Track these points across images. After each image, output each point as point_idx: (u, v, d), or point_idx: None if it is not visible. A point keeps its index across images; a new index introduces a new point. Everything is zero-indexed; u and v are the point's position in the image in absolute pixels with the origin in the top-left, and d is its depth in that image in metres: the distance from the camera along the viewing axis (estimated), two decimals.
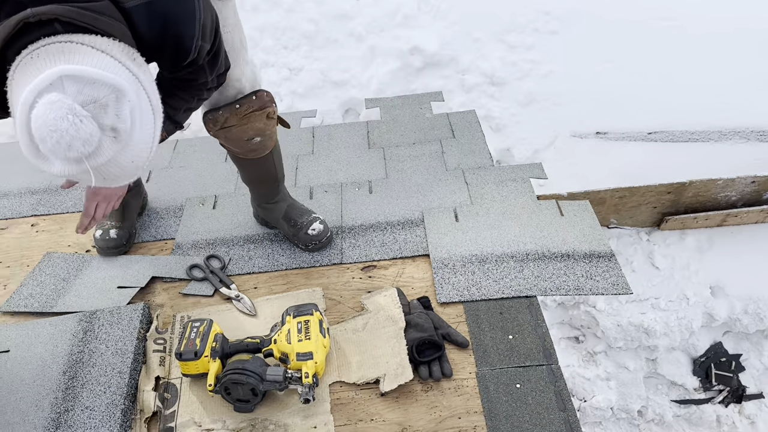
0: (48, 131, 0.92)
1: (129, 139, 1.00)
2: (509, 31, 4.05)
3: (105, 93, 0.95)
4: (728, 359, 3.45)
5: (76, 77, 0.92)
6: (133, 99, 0.99)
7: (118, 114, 0.97)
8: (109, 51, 1.00)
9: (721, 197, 3.41)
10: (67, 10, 0.97)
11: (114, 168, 1.01)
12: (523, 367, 1.75)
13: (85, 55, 0.96)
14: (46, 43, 0.95)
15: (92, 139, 0.95)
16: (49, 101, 0.91)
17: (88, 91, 0.94)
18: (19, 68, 0.96)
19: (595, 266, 2.00)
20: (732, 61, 3.79)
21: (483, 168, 2.47)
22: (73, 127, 0.92)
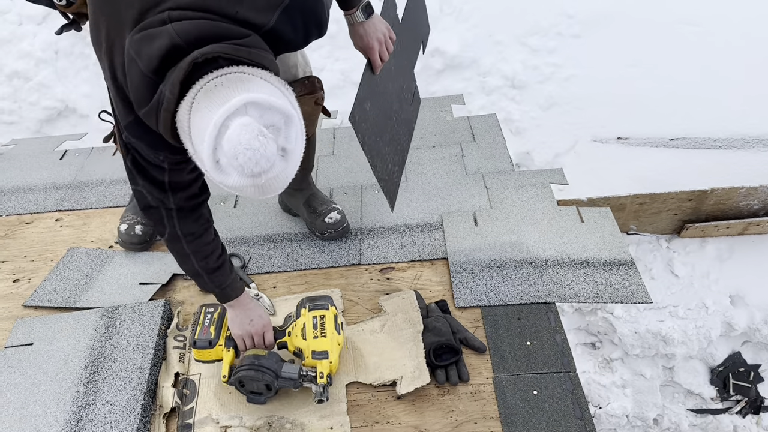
0: (243, 149, 1.04)
1: (293, 157, 1.13)
2: (532, 34, 4.03)
3: (278, 118, 1.09)
4: (747, 369, 3.42)
5: (257, 104, 1.06)
6: (297, 123, 1.13)
7: (287, 136, 1.10)
8: (273, 82, 1.13)
9: (742, 206, 3.37)
10: (225, 48, 1.11)
11: (276, 183, 1.13)
12: (540, 374, 1.74)
13: (258, 85, 1.09)
14: (224, 73, 1.08)
15: (273, 157, 1.08)
16: (242, 123, 1.04)
17: (268, 116, 1.07)
18: (203, 94, 1.08)
19: (615, 274, 1.99)
20: (757, 67, 3.74)
21: (503, 172, 2.47)
22: (263, 146, 1.05)
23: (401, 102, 1.99)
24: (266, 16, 1.22)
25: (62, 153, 2.83)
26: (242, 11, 1.18)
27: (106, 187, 2.59)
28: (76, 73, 4.13)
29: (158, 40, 1.12)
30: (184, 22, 1.13)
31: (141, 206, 1.56)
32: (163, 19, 1.13)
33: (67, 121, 4.07)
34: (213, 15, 1.15)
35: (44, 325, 1.97)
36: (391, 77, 1.88)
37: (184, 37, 1.11)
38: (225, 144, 1.05)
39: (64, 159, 2.78)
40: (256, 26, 1.21)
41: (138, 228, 2.24)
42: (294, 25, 1.29)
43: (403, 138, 2.03)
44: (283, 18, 1.24)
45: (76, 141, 2.99)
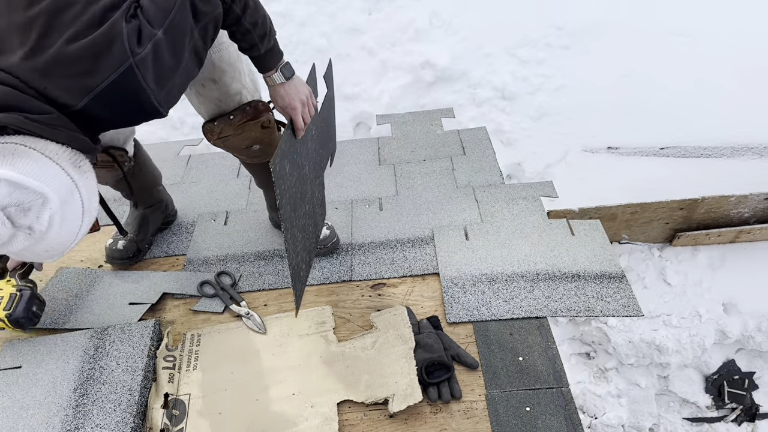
0: None
1: (44, 237, 1.17)
2: (521, 46, 4.05)
3: (31, 198, 1.12)
4: (741, 377, 3.41)
5: (11, 182, 1.09)
6: (55, 207, 1.15)
7: (38, 216, 1.13)
8: (55, 158, 1.16)
9: (733, 214, 3.38)
10: (14, 119, 1.14)
11: (28, 254, 1.19)
12: (533, 390, 1.74)
13: (30, 160, 1.12)
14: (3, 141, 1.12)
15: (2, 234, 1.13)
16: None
17: (17, 194, 1.10)
18: None
19: (606, 287, 1.99)
20: (746, 76, 3.76)
21: (493, 186, 2.47)
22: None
23: (313, 190, 1.90)
24: (75, 99, 1.24)
25: None
26: (50, 88, 1.21)
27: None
28: None
29: None
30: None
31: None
32: None
33: None
34: (24, 86, 1.19)
35: (33, 347, 1.95)
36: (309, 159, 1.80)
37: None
38: None
39: None
40: (62, 106, 1.23)
41: (120, 243, 2.25)
42: (111, 108, 1.30)
43: (311, 231, 1.93)
44: (96, 102, 1.25)
45: None
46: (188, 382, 1.85)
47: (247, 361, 1.89)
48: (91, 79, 1.23)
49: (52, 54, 1.19)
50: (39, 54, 1.19)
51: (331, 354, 1.86)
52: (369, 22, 4.25)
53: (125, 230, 1.84)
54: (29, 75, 1.19)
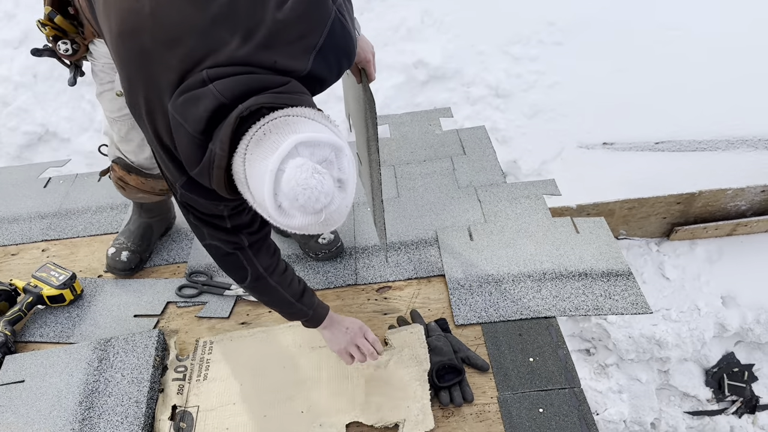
0: (301, 189, 1.05)
1: (348, 186, 1.13)
2: (513, 43, 4.04)
3: (328, 152, 1.09)
4: (741, 369, 3.43)
5: (306, 143, 1.06)
6: (348, 153, 1.13)
7: (340, 167, 1.11)
8: (317, 118, 1.14)
9: (730, 207, 3.40)
10: (267, 98, 1.13)
11: (337, 215, 1.13)
12: (545, 391, 1.73)
13: (304, 125, 1.10)
14: (270, 119, 1.10)
15: (330, 191, 1.08)
16: (296, 165, 1.05)
17: (318, 152, 1.08)
18: (253, 145, 1.10)
19: (614, 285, 1.99)
20: (738, 69, 3.79)
21: (495, 185, 2.46)
22: (319, 183, 1.06)
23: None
24: (303, 62, 1.24)
25: (46, 180, 2.77)
26: (280, 60, 1.21)
27: (93, 214, 2.54)
28: (56, 97, 4.06)
29: (203, 102, 1.14)
30: (224, 80, 1.14)
31: (218, 258, 1.57)
32: (203, 79, 1.14)
33: (48, 146, 3.99)
34: (251, 67, 1.18)
35: (35, 360, 1.91)
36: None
37: (227, 94, 1.13)
38: (284, 187, 1.06)
39: (48, 187, 2.73)
40: (294, 72, 1.23)
41: (124, 254, 2.21)
42: (329, 64, 1.32)
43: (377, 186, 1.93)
44: (318, 60, 1.27)
45: (60, 168, 2.93)
46: (198, 393, 1.82)
47: (257, 373, 1.85)
48: (311, 37, 1.25)
49: (267, 27, 1.19)
50: (255, 33, 1.19)
51: (343, 370, 1.82)
52: (360, 22, 4.22)
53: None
54: (255, 56, 1.18)
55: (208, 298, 2.10)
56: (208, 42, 1.18)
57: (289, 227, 1.13)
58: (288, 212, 1.09)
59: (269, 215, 1.13)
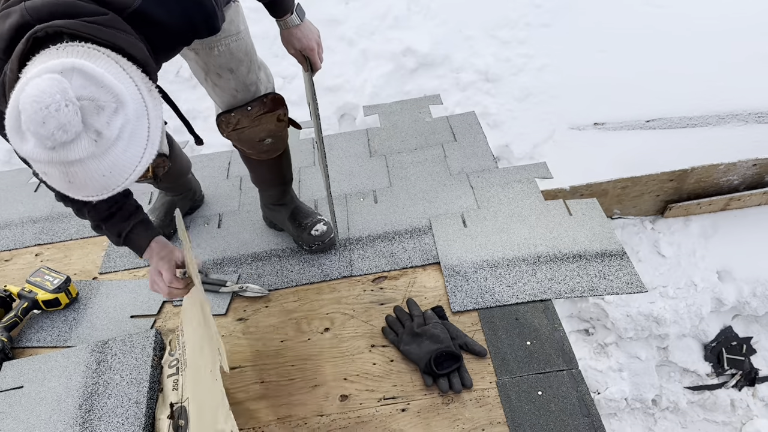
0: (31, 101, 0.92)
1: (108, 149, 1.00)
2: (501, 27, 4.03)
3: (107, 98, 0.97)
4: (739, 343, 3.46)
5: (87, 74, 0.95)
6: (130, 116, 1.00)
7: (108, 122, 0.98)
8: (128, 69, 1.02)
9: (723, 182, 3.40)
10: (70, 23, 1.02)
11: (81, 172, 1.00)
12: (543, 374, 1.73)
13: (103, 62, 0.99)
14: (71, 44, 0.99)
15: (69, 127, 0.94)
16: (48, 77, 0.93)
17: (92, 89, 0.96)
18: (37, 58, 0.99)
19: (608, 265, 1.99)
20: (726, 43, 3.78)
21: (487, 170, 2.46)
22: (54, 105, 0.92)
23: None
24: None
25: (36, 184, 2.76)
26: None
27: None
28: None
29: (10, 18, 1.06)
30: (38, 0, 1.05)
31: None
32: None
33: None
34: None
35: (33, 365, 1.91)
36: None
37: (33, 14, 1.04)
38: (23, 96, 0.94)
39: (38, 191, 2.71)
40: (118, 7, 1.11)
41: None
42: (168, 6, 1.19)
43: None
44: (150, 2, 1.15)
45: None
46: (186, 383, 1.81)
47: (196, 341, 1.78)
48: None
49: None
50: None
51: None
52: (347, 12, 4.20)
53: (201, 139, 1.63)
54: None
55: (219, 303, 2.09)
56: None
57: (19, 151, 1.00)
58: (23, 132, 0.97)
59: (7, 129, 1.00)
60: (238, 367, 1.89)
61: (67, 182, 1.02)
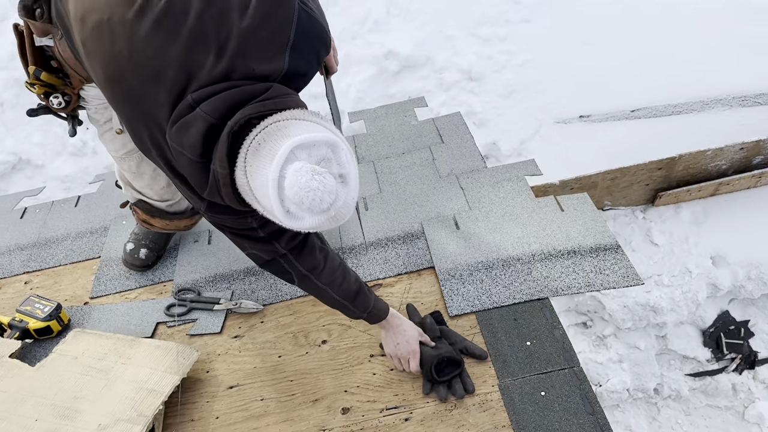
0: (304, 193, 1.07)
1: (351, 180, 1.16)
2: (481, 25, 4.02)
3: (325, 150, 1.11)
4: (737, 327, 3.47)
5: (302, 145, 1.08)
6: (344, 147, 1.15)
7: (339, 163, 1.13)
8: (307, 118, 1.15)
9: (711, 167, 3.41)
10: (253, 108, 1.14)
11: (345, 209, 1.15)
12: (545, 374, 1.72)
13: (295, 127, 1.12)
14: (261, 129, 1.12)
15: (333, 188, 1.10)
16: (295, 170, 1.07)
17: (315, 152, 1.10)
18: (250, 156, 1.11)
19: (603, 260, 1.98)
20: (706, 29, 3.80)
21: (476, 170, 2.45)
22: (321, 184, 1.08)
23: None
24: (279, 63, 1.25)
25: (22, 211, 2.71)
26: (257, 67, 1.22)
27: (73, 240, 2.49)
28: (27, 123, 3.98)
29: (194, 127, 1.16)
30: (209, 101, 1.16)
31: (260, 265, 1.60)
32: (189, 104, 1.17)
33: (22, 174, 3.92)
34: (231, 81, 1.19)
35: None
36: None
37: (214, 114, 1.15)
38: (288, 193, 1.08)
39: (24, 217, 2.67)
40: (273, 75, 1.25)
41: (143, 252, 2.25)
42: (305, 57, 1.31)
43: None
44: (294, 56, 1.27)
45: (35, 197, 2.88)
46: None
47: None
48: (281, 35, 1.24)
49: (236, 37, 1.20)
50: (226, 46, 1.19)
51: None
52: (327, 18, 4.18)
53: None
54: (232, 68, 1.19)
55: (198, 315, 2.07)
56: (186, 68, 1.19)
57: (302, 229, 1.15)
58: (297, 216, 1.12)
59: (280, 221, 1.15)
60: (237, 385, 1.86)
61: (333, 223, 1.16)
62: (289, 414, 1.76)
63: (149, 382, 1.77)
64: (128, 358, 1.86)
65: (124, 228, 2.47)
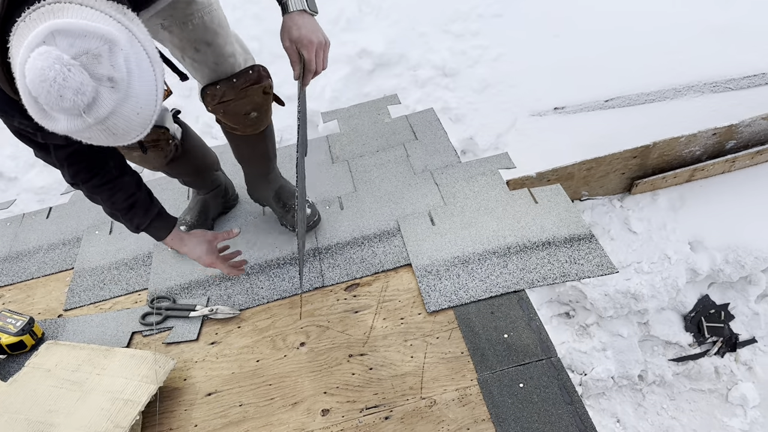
0: (38, 82, 0.94)
1: (128, 88, 1.02)
2: (453, 21, 4.02)
3: (97, 44, 0.97)
4: (717, 310, 3.49)
5: (66, 31, 0.95)
6: (127, 48, 1.01)
7: (113, 64, 0.99)
8: (97, 6, 1.02)
9: (685, 153, 3.43)
10: None
11: (119, 121, 1.03)
12: (523, 365, 1.72)
13: (74, 12, 0.98)
14: (36, 7, 0.98)
15: (84, 88, 0.97)
16: (38, 53, 0.94)
17: (80, 43, 0.96)
18: (16, 35, 0.99)
19: (577, 250, 1.99)
20: (676, 16, 3.82)
21: (450, 166, 2.44)
22: (60, 75, 0.94)
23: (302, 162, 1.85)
24: None
25: None
26: None
27: (45, 252, 2.46)
28: None
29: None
30: None
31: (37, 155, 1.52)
32: None
33: None
34: None
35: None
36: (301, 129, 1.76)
37: None
38: (28, 81, 0.95)
39: None
40: None
41: (183, 228, 2.21)
42: None
43: (303, 200, 1.96)
44: None
45: (6, 209, 2.83)
46: None
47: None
48: None
49: None
50: None
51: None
52: None
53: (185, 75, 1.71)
54: None
55: (173, 323, 2.05)
56: None
57: (57, 131, 1.02)
58: (48, 113, 1.00)
59: (34, 116, 1.02)
60: (215, 392, 1.84)
61: (112, 136, 1.05)
62: (268, 419, 1.75)
63: (125, 392, 1.75)
64: (103, 369, 1.83)
65: (97, 238, 2.45)
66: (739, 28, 3.71)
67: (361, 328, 1.93)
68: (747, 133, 3.39)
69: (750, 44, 3.64)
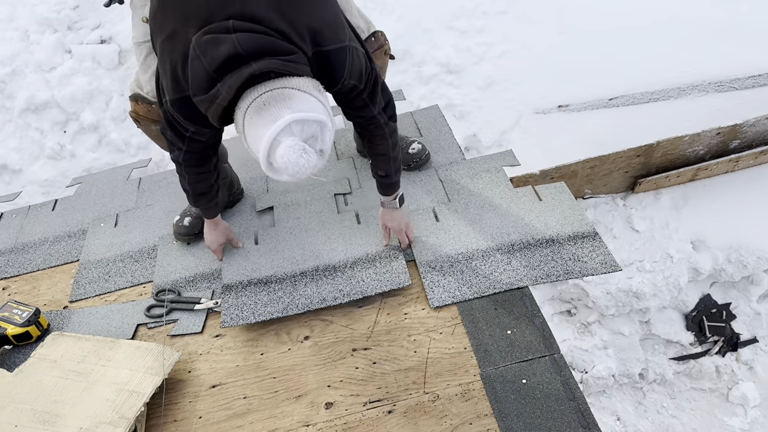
0: (291, 166, 1.32)
1: (326, 153, 1.41)
2: (458, 17, 4.02)
3: (315, 128, 1.35)
4: (719, 309, 3.50)
5: (298, 120, 1.31)
6: (330, 127, 1.39)
7: (323, 140, 1.38)
8: (308, 90, 1.38)
9: (689, 153, 3.44)
10: (277, 64, 1.36)
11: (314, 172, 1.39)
12: (526, 361, 1.73)
13: (298, 100, 1.34)
14: (268, 89, 1.34)
15: (314, 164, 1.36)
16: (288, 145, 1.31)
17: (307, 128, 1.33)
18: (254, 110, 1.34)
19: (581, 247, 2.00)
20: (682, 15, 3.82)
21: (455, 163, 2.45)
22: (307, 162, 1.33)
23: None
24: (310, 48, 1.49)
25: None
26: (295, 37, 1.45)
27: (51, 245, 2.47)
28: (0, 128, 3.94)
29: (223, 46, 1.36)
30: (245, 34, 1.37)
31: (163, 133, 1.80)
32: (228, 27, 1.37)
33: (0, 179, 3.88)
34: (270, 30, 1.40)
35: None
36: None
37: (245, 48, 1.36)
38: (277, 159, 1.33)
39: (0, 223, 2.64)
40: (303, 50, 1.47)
41: (187, 220, 2.29)
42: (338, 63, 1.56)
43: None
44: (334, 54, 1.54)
45: (11, 202, 2.84)
46: None
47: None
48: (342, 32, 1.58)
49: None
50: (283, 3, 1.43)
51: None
52: None
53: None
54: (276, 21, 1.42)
55: (178, 315, 2.06)
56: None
57: (273, 178, 1.44)
58: (277, 171, 1.36)
59: (261, 165, 1.36)
60: (219, 384, 1.86)
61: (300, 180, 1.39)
62: (272, 411, 1.76)
63: (130, 383, 1.76)
64: (108, 360, 1.84)
65: (103, 230, 2.46)
66: (745, 28, 3.71)
67: (365, 323, 1.94)
68: (751, 132, 3.40)
69: (755, 44, 3.64)
